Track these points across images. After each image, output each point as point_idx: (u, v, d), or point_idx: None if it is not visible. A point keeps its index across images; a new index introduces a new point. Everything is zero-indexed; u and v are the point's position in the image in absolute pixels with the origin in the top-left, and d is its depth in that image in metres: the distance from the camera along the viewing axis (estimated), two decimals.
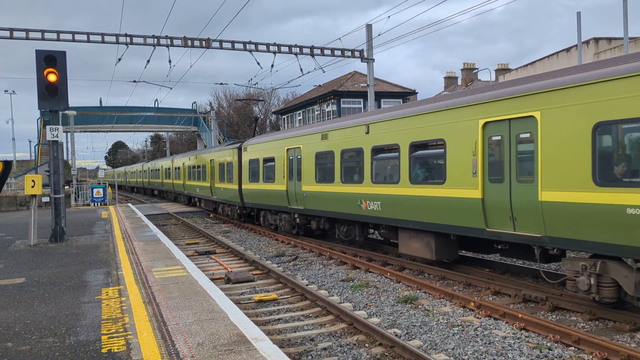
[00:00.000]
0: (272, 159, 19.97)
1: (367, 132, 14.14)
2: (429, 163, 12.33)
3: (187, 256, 13.44)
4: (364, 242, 17.04)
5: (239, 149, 23.75)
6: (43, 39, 21.66)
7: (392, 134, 13.25)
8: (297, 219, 18.60)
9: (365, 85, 27.36)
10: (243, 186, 22.81)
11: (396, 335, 8.04)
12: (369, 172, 14.01)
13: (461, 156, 10.92)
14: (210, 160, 28.66)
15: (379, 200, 13.55)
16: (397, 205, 12.99)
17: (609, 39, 30.19)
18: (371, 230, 15.97)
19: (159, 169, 49.22)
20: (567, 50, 31.03)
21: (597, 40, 30.22)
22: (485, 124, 10.26)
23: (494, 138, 10.16)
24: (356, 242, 16.47)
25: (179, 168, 38.61)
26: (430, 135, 11.89)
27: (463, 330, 8.50)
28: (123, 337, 6.37)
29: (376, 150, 13.85)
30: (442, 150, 11.45)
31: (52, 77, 14.90)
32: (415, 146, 12.39)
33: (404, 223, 12.77)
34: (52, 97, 14.96)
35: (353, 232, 15.77)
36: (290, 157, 18.53)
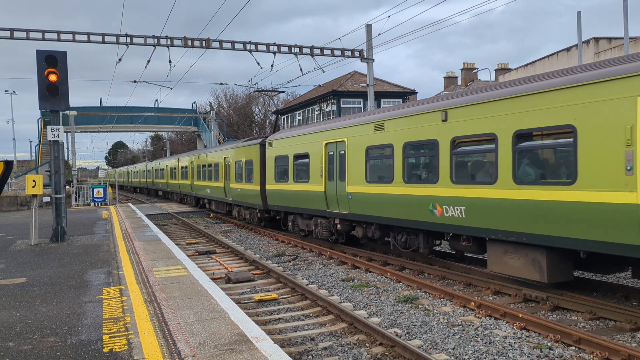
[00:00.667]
0: (305, 155, 17.62)
1: (445, 120, 11.44)
2: (545, 157, 9.66)
3: (188, 256, 13.46)
4: (365, 242, 17.01)
5: (262, 144, 21.27)
6: (44, 39, 21.67)
7: (484, 121, 10.39)
8: (338, 225, 16.11)
9: (365, 85, 27.36)
10: (267, 186, 20.31)
11: (397, 335, 8.05)
12: (447, 169, 11.31)
13: (603, 146, 8.15)
14: (224, 158, 26.40)
15: (463, 204, 10.83)
16: (490, 212, 10.23)
17: (609, 39, 30.20)
18: (437, 241, 13.59)
19: (163, 169, 46.72)
20: (568, 50, 31.04)
21: (597, 40, 30.24)
22: None
23: None
24: (419, 255, 14.00)
25: (185, 167, 36.46)
26: (551, 120, 8.97)
27: (463, 330, 8.51)
28: (124, 337, 6.39)
29: (458, 142, 11.14)
30: (571, 139, 8.63)
31: (52, 77, 14.92)
32: (522, 136, 9.57)
33: (501, 234, 10.02)
34: (52, 97, 14.97)
35: (415, 242, 13.21)
36: (330, 153, 16.08)
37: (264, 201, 20.85)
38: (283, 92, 29.59)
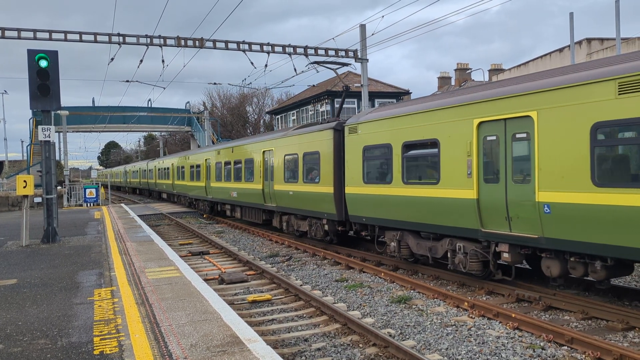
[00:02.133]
0: (431, 144, 11.57)
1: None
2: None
3: (181, 257, 13.39)
4: (359, 242, 17.07)
5: (337, 130, 15.47)
6: (35, 38, 21.51)
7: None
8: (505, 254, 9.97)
9: (359, 85, 27.35)
10: (348, 189, 14.72)
11: (390, 336, 8.04)
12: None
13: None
14: (264, 152, 20.76)
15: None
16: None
17: (601, 40, 30.36)
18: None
19: (168, 168, 40.85)
20: (560, 50, 31.18)
21: (589, 40, 30.39)
22: None
23: None
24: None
25: (198, 166, 31.19)
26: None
27: (457, 330, 8.51)
28: (115, 339, 6.33)
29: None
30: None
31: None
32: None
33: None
34: (44, 97, 14.87)
35: None
36: (491, 138, 10.06)
37: (341, 209, 15.26)
38: (348, 64, 23.22)
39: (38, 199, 27.81)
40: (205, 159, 29.37)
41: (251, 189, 21.76)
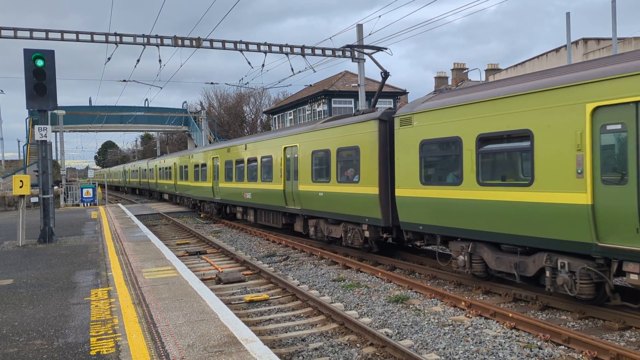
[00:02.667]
0: (520, 136, 9.43)
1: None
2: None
3: (178, 256, 13.37)
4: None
5: (384, 121, 13.27)
6: (31, 37, 21.44)
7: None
8: None
9: (356, 85, 27.35)
10: (399, 191, 12.41)
11: (387, 335, 8.04)
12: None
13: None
14: (284, 148, 18.40)
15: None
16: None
17: (598, 40, 30.45)
18: None
19: (169, 167, 38.36)
20: (557, 50, 31.25)
21: (586, 40, 30.48)
22: None
23: None
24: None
25: (204, 165, 28.66)
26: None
27: (454, 330, 8.52)
28: (112, 339, 6.32)
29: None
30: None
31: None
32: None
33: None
34: (40, 96, 14.82)
35: None
36: (614, 127, 8.02)
37: (387, 214, 13.10)
38: (385, 48, 20.22)
39: (35, 199, 27.72)
40: (213, 158, 26.92)
41: (270, 190, 19.38)
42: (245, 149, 22.44)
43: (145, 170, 50.72)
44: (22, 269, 11.38)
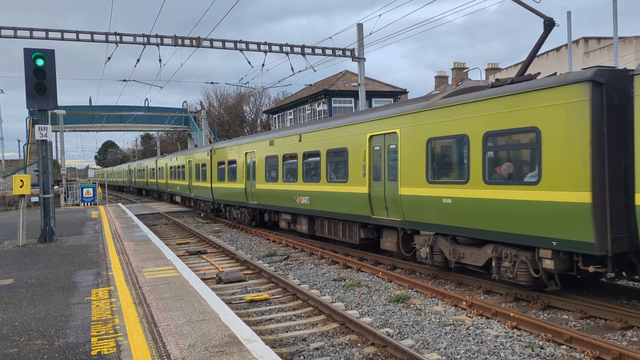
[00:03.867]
0: None
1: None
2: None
3: (178, 256, 13.36)
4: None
5: (599, 85, 8.24)
6: (31, 37, 21.44)
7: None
8: None
9: (356, 84, 27.34)
10: None
11: (388, 335, 8.02)
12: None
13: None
14: (371, 137, 13.74)
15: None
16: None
17: (599, 39, 30.44)
18: None
19: (183, 166, 33.97)
20: (557, 49, 31.23)
21: (586, 39, 30.47)
22: None
23: None
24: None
25: (232, 162, 23.77)
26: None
27: (455, 330, 8.50)
28: (113, 339, 6.30)
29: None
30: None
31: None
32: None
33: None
34: (40, 96, 14.81)
35: None
36: None
37: (605, 234, 8.21)
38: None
39: (35, 199, 27.72)
40: (246, 153, 22.14)
41: (344, 194, 14.81)
42: (300, 140, 17.59)
43: (153, 169, 46.42)
44: (23, 268, 11.36)
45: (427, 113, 11.64)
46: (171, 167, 38.35)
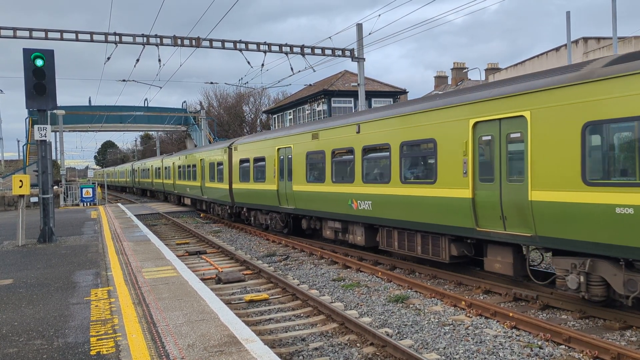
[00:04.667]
0: None
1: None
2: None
3: (178, 256, 13.36)
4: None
5: None
6: (31, 37, 21.44)
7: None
8: None
9: (356, 84, 27.33)
10: None
11: (387, 335, 8.03)
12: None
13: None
14: (476, 124, 10.57)
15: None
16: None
17: (598, 39, 30.45)
18: None
19: (194, 165, 30.81)
20: (557, 49, 31.24)
21: (586, 39, 30.47)
22: None
23: None
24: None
25: (260, 160, 20.63)
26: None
27: (454, 330, 8.51)
28: (112, 339, 6.30)
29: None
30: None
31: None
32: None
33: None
34: (40, 96, 14.81)
35: None
36: None
37: None
38: None
39: (34, 199, 27.75)
40: (278, 149, 19.03)
41: (427, 199, 11.70)
42: (359, 132, 14.23)
43: (158, 169, 43.43)
44: (22, 268, 11.36)
45: (582, 88, 8.53)
46: (180, 167, 35.09)
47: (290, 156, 18.15)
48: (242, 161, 22.52)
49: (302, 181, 17.27)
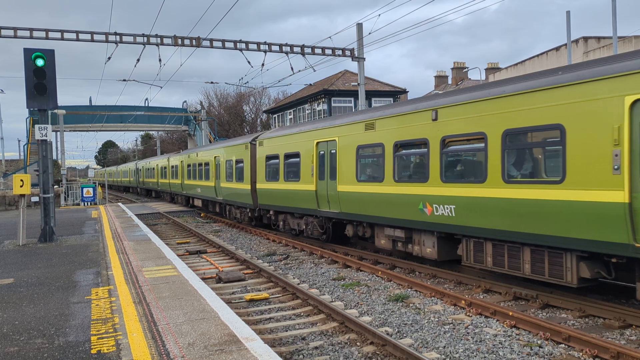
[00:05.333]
0: None
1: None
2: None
3: (178, 255, 13.38)
4: (356, 241, 16.64)
5: None
6: (31, 37, 21.46)
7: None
8: None
9: (356, 84, 27.34)
10: None
11: (387, 334, 8.04)
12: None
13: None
14: (635, 102, 7.65)
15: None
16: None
17: (598, 38, 30.45)
18: None
19: (206, 163, 28.07)
20: (557, 49, 31.24)
21: (586, 39, 30.47)
22: None
23: None
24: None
25: (293, 156, 18.00)
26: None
27: (454, 329, 8.52)
28: (113, 338, 6.32)
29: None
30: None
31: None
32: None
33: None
34: (40, 95, 14.83)
35: None
36: None
37: None
38: None
39: (35, 198, 27.76)
40: (317, 143, 16.36)
41: (551, 203, 8.93)
42: (435, 119, 11.53)
43: (164, 168, 40.79)
44: (23, 268, 11.38)
45: None
46: (189, 165, 32.42)
47: (333, 151, 15.52)
48: (268, 158, 19.76)
49: (350, 180, 14.68)
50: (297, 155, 17.72)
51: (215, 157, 26.54)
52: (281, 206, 19.00)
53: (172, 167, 38.01)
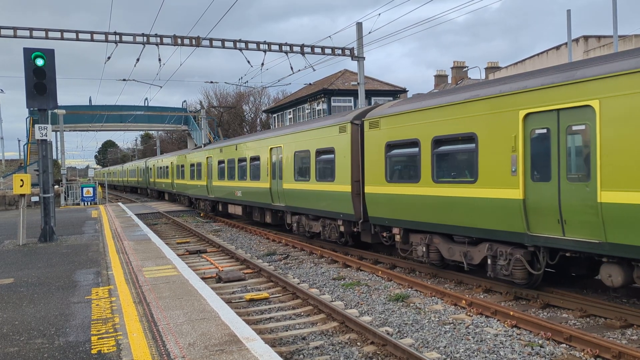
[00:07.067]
0: None
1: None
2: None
3: (178, 255, 13.37)
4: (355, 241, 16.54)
5: None
6: (31, 37, 21.42)
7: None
8: None
9: (356, 83, 27.31)
10: None
11: (388, 334, 8.03)
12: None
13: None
14: None
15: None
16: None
17: (599, 37, 30.41)
18: None
19: (256, 158, 21.10)
20: (557, 48, 31.23)
21: (586, 38, 30.43)
22: None
23: None
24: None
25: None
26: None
27: (455, 328, 8.51)
28: (113, 338, 6.31)
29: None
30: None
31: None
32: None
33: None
34: (40, 95, 14.82)
35: None
36: None
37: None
38: None
39: (35, 198, 27.75)
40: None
41: None
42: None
43: (182, 166, 34.99)
44: (23, 268, 11.37)
45: None
46: (221, 162, 26.03)
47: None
48: (391, 146, 12.80)
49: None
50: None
51: (271, 148, 19.66)
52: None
53: (193, 165, 31.61)
